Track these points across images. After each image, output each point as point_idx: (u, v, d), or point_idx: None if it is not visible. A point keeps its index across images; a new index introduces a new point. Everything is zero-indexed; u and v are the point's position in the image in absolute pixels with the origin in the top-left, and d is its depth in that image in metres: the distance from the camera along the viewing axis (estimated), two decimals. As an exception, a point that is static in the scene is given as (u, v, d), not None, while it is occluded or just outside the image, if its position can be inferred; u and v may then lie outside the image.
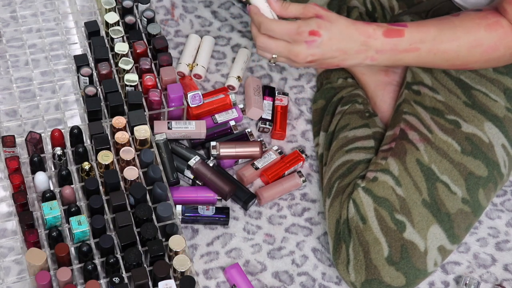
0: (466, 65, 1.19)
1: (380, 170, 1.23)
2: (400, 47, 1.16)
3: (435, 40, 1.16)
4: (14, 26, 1.48)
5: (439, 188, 1.21)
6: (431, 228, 1.19)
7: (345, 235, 1.21)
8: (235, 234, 1.30)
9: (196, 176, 1.31)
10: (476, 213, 1.22)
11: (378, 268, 1.18)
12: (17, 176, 1.19)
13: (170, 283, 1.12)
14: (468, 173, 1.21)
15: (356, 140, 1.32)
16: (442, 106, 1.26)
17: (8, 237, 1.24)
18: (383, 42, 1.16)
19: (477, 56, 1.17)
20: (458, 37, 1.16)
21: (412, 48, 1.16)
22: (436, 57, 1.18)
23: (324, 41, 1.15)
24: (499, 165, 1.23)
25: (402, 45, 1.16)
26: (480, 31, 1.15)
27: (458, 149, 1.22)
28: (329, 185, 1.28)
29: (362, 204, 1.20)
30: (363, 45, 1.16)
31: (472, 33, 1.16)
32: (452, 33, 1.16)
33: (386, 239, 1.18)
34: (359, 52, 1.16)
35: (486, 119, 1.24)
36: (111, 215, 1.19)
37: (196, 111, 1.38)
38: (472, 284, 1.25)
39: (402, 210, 1.19)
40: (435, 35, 1.16)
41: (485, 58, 1.17)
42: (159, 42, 1.37)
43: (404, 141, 1.25)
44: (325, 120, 1.39)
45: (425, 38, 1.16)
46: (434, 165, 1.22)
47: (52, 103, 1.39)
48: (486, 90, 1.26)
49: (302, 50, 1.15)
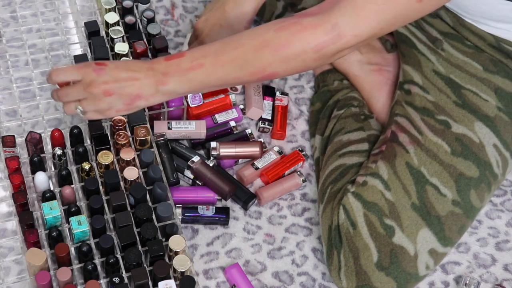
0: (264, 70, 1.12)
1: (370, 174, 1.23)
2: (184, 66, 1.13)
3: (218, 52, 1.13)
4: (14, 26, 1.48)
5: (429, 191, 1.20)
6: (421, 231, 1.18)
7: (337, 241, 1.20)
8: (235, 234, 1.30)
9: (196, 176, 1.31)
10: (468, 214, 1.22)
11: (368, 273, 1.17)
12: (17, 176, 1.19)
13: (170, 283, 1.12)
14: (459, 175, 1.21)
15: (350, 144, 1.31)
16: (432, 106, 1.26)
17: (8, 237, 1.24)
18: (166, 65, 1.14)
19: (267, 56, 1.11)
20: (242, 44, 1.12)
21: (196, 65, 1.13)
22: (225, 69, 1.13)
23: (111, 68, 1.15)
24: (491, 165, 1.23)
25: (184, 64, 1.13)
26: (268, 33, 1.11)
27: (448, 150, 1.22)
28: (322, 190, 1.28)
29: (352, 209, 1.20)
30: (148, 70, 1.14)
31: (257, 37, 1.11)
32: (237, 41, 1.13)
33: (375, 244, 1.18)
34: (147, 76, 1.14)
35: (477, 118, 1.24)
36: (111, 215, 1.19)
37: (196, 111, 1.38)
38: (472, 284, 1.25)
39: (391, 214, 1.19)
40: (217, 48, 1.13)
41: (278, 57, 1.10)
42: (159, 42, 1.37)
43: (395, 144, 1.25)
44: (321, 124, 1.39)
45: (206, 53, 1.13)
46: (424, 167, 1.21)
47: (52, 103, 1.39)
48: (477, 89, 1.25)
49: (94, 78, 1.14)
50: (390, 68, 1.40)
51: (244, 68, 1.12)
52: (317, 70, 1.48)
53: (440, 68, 1.28)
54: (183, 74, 1.14)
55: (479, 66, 1.26)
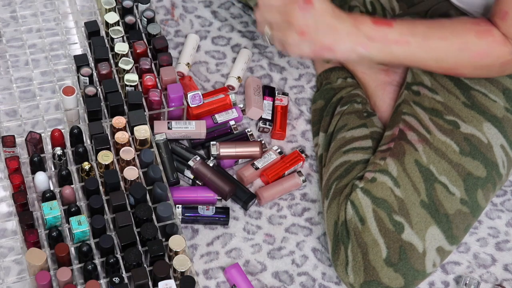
0: (455, 69, 1.18)
1: (379, 171, 1.23)
2: (390, 37, 1.14)
3: (424, 36, 1.15)
4: (14, 26, 1.48)
5: (438, 189, 1.20)
6: (430, 229, 1.19)
7: (344, 236, 1.21)
8: (235, 234, 1.30)
9: (196, 176, 1.31)
10: (474, 213, 1.22)
11: (376, 269, 1.17)
12: (17, 176, 1.19)
13: (170, 283, 1.12)
14: (467, 174, 1.21)
15: (354, 141, 1.31)
16: (441, 106, 1.26)
17: (8, 237, 1.24)
18: (372, 28, 1.14)
19: (465, 60, 1.16)
20: (446, 37, 1.15)
21: (403, 40, 1.14)
22: (426, 55, 1.16)
23: (317, 12, 1.13)
24: (497, 165, 1.23)
25: (392, 35, 1.14)
26: (469, 35, 1.14)
27: (457, 150, 1.22)
28: (327, 186, 1.28)
29: (361, 205, 1.20)
30: (353, 27, 1.14)
31: (461, 36, 1.15)
32: (441, 32, 1.15)
33: (385, 240, 1.18)
34: (350, 34, 1.14)
35: (485, 119, 1.24)
36: (111, 215, 1.19)
37: (196, 111, 1.38)
38: (472, 284, 1.25)
39: (401, 211, 1.19)
40: (424, 30, 1.15)
41: (473, 64, 1.16)
42: (159, 42, 1.37)
43: (403, 142, 1.25)
44: (324, 121, 1.39)
45: (414, 32, 1.15)
46: (433, 165, 1.22)
47: (52, 103, 1.39)
48: (485, 90, 1.26)
49: (296, 14, 1.13)
50: (397, 69, 1.40)
51: (440, 61, 1.16)
52: (319, 68, 1.48)
53: None
54: (387, 45, 1.14)
55: None
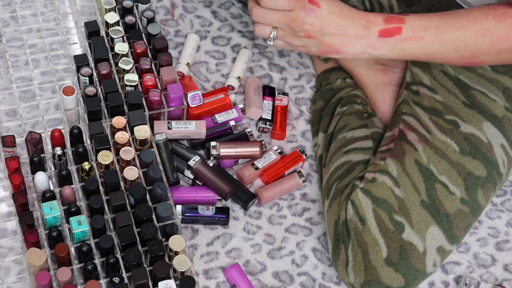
0: (476, 57, 1.15)
1: (379, 171, 1.23)
2: (404, 34, 1.12)
3: (440, 28, 1.12)
4: (14, 26, 1.48)
5: (438, 189, 1.20)
6: (430, 228, 1.19)
7: (344, 236, 1.21)
8: (235, 234, 1.30)
9: (196, 176, 1.31)
10: (475, 213, 1.22)
11: (377, 269, 1.18)
12: (17, 176, 1.19)
13: (170, 283, 1.12)
14: (467, 173, 1.21)
15: (355, 141, 1.32)
16: (440, 106, 1.26)
17: (8, 237, 1.24)
18: (384, 28, 1.12)
19: (487, 46, 1.13)
20: (463, 25, 1.12)
21: (416, 36, 1.12)
22: (443, 47, 1.13)
23: (324, 13, 1.11)
24: (498, 165, 1.23)
25: (404, 33, 1.12)
26: (488, 20, 1.11)
27: (457, 149, 1.22)
28: (327, 186, 1.28)
29: (361, 205, 1.20)
30: (364, 29, 1.12)
31: (479, 22, 1.12)
32: (458, 21, 1.12)
33: (385, 240, 1.18)
34: (359, 37, 1.12)
35: (485, 119, 1.24)
36: (111, 215, 1.19)
37: (196, 111, 1.38)
38: (472, 284, 1.25)
39: (401, 211, 1.19)
40: (439, 22, 1.13)
41: (495, 49, 1.13)
42: (159, 42, 1.37)
43: (403, 142, 1.25)
44: (324, 121, 1.39)
45: (428, 26, 1.12)
46: (433, 165, 1.22)
47: (52, 103, 1.39)
48: (485, 89, 1.26)
49: (301, 16, 1.10)
50: (396, 69, 1.40)
51: (460, 51, 1.13)
52: (319, 68, 1.48)
53: (448, 69, 1.28)
54: (399, 42, 1.12)
55: (488, 67, 1.26)
